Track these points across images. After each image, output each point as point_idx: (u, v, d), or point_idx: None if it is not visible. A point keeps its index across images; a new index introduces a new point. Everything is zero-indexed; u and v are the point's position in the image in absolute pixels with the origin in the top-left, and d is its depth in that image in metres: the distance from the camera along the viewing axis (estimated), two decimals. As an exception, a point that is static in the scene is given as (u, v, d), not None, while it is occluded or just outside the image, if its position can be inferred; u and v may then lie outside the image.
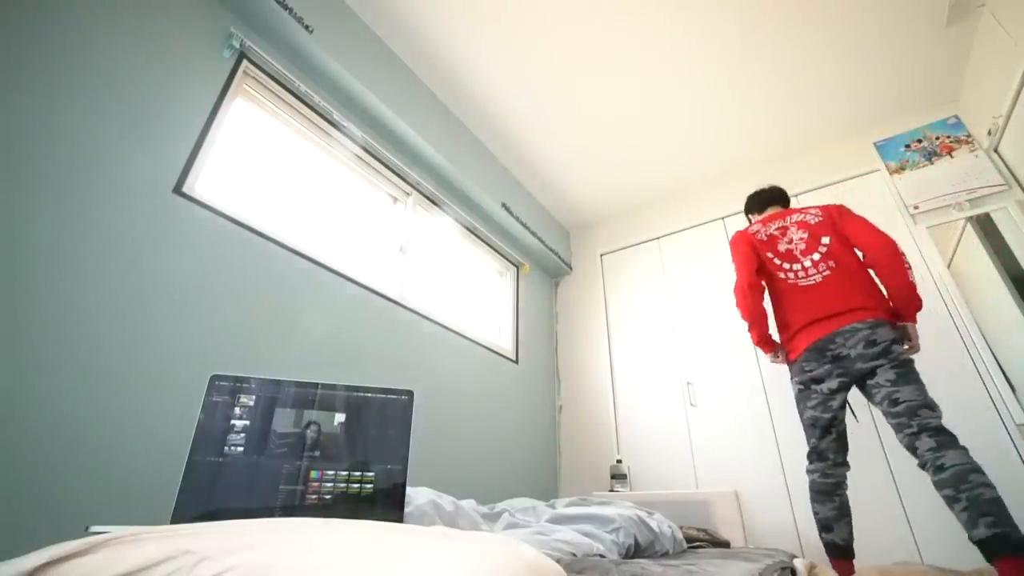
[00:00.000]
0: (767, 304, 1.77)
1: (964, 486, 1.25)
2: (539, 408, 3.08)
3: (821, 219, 1.75)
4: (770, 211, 1.96)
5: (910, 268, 1.56)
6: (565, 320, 3.54)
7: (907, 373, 1.45)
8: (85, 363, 1.20)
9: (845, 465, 1.59)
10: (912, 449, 1.39)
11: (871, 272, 1.63)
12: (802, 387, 1.63)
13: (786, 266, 1.72)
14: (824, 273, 1.64)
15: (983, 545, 1.20)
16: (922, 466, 1.37)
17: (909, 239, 2.42)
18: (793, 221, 1.80)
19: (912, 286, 1.54)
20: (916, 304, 1.55)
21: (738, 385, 2.61)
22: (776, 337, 1.78)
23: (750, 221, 2.05)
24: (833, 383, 1.55)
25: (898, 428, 1.42)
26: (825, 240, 1.70)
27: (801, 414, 1.65)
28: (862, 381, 1.53)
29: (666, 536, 1.45)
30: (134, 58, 1.49)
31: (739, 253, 1.81)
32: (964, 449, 1.32)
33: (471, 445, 2.38)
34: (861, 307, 1.53)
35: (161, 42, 1.57)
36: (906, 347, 1.54)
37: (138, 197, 1.40)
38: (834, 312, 1.56)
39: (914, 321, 1.56)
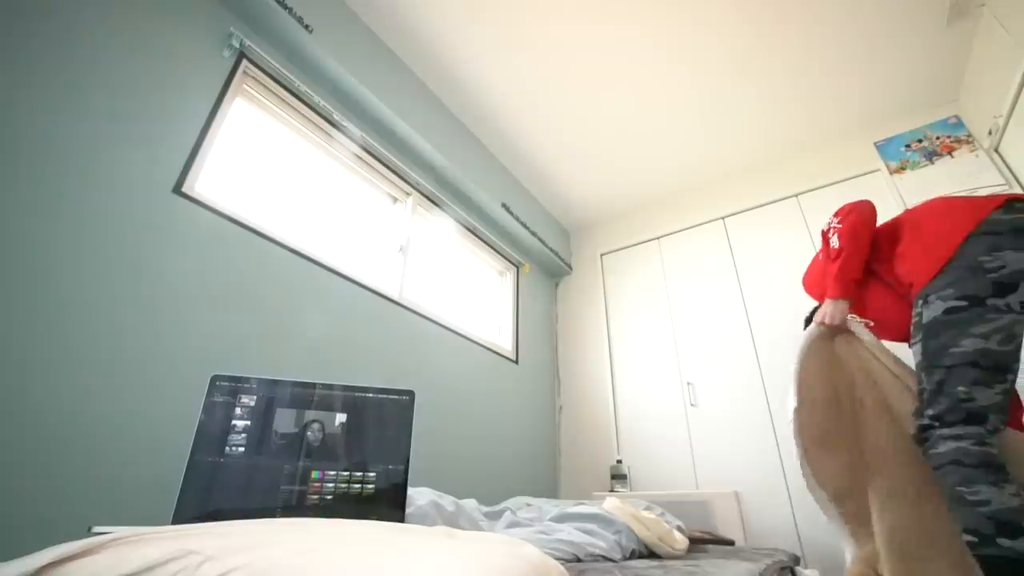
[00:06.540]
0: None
1: None
2: (539, 408, 3.07)
3: None
4: None
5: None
6: (565, 320, 3.54)
7: None
8: (85, 363, 1.20)
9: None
10: None
11: None
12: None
13: None
14: None
15: None
16: None
17: (909, 239, 2.42)
18: None
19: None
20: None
21: (738, 385, 2.61)
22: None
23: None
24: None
25: None
26: None
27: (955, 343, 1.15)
28: None
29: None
30: (134, 57, 1.49)
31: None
32: None
33: (471, 445, 2.37)
34: None
35: (161, 41, 1.57)
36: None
37: (138, 197, 1.40)
38: None
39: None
